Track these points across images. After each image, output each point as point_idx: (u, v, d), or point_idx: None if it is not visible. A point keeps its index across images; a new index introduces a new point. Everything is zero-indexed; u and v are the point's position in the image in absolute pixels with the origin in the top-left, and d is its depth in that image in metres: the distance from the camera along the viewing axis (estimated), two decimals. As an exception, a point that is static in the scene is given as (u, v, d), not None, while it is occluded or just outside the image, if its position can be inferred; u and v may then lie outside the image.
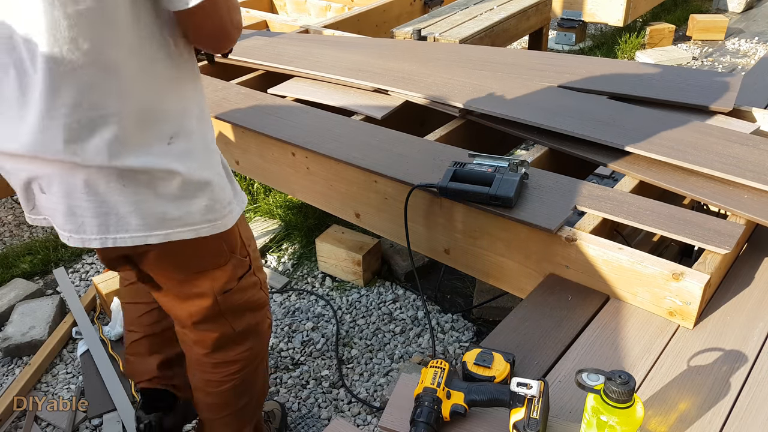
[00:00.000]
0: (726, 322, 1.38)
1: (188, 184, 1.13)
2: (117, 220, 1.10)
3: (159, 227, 1.13)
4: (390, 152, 1.88)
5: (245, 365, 1.44)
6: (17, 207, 3.10)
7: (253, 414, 1.56)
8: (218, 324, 1.36)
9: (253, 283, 1.37)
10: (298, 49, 2.66)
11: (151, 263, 1.23)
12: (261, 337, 1.46)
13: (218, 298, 1.30)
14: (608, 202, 1.58)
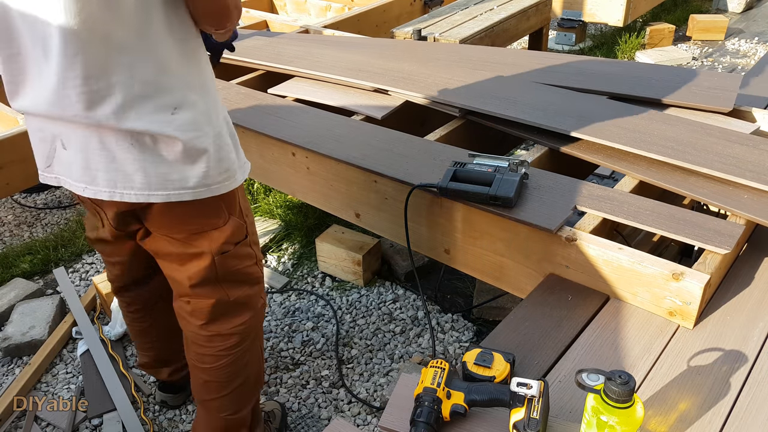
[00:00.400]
0: (726, 322, 1.38)
1: (189, 151, 1.22)
2: (124, 177, 1.23)
3: (160, 188, 1.24)
4: (390, 152, 1.88)
5: (240, 340, 1.48)
6: (17, 207, 3.10)
7: (248, 397, 1.58)
8: (214, 289, 1.42)
9: (248, 254, 1.45)
10: (298, 49, 2.66)
11: (154, 219, 1.33)
12: (256, 314, 1.50)
13: (215, 258, 1.37)
14: (608, 202, 1.58)
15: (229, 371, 1.50)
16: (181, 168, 1.23)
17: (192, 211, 1.31)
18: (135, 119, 1.16)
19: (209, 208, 1.33)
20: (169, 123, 1.18)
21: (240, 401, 1.56)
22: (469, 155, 1.74)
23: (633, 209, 1.54)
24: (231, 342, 1.47)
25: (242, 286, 1.45)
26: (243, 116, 2.17)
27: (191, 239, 1.36)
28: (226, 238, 1.36)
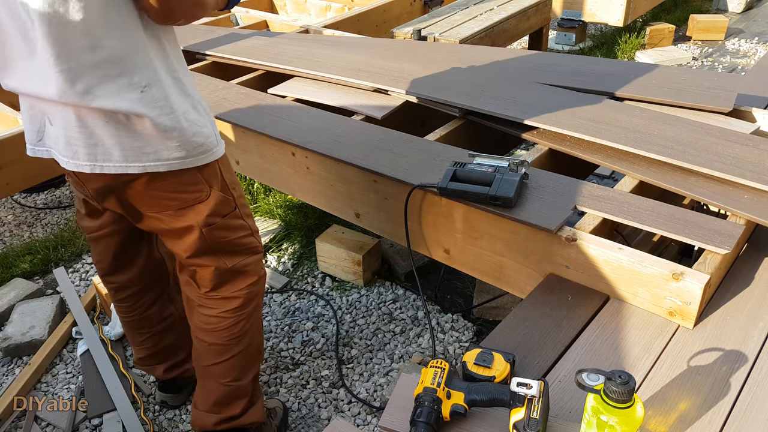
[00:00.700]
0: (726, 322, 1.38)
1: (159, 127, 1.29)
2: (103, 150, 1.30)
3: (136, 160, 1.31)
4: (390, 152, 1.88)
5: (243, 303, 1.56)
6: (17, 207, 3.10)
7: (249, 366, 1.63)
8: (211, 258, 1.50)
9: (240, 225, 1.52)
10: (298, 49, 2.66)
11: (140, 198, 1.40)
12: (258, 281, 1.58)
13: (203, 230, 1.44)
14: (608, 202, 1.58)
15: (232, 333, 1.57)
16: (155, 142, 1.30)
17: (173, 186, 1.38)
18: (104, 98, 1.22)
19: (189, 182, 1.39)
20: (138, 101, 1.25)
21: (241, 368, 1.61)
22: (469, 155, 1.74)
23: (633, 209, 1.54)
24: (235, 304, 1.55)
25: (239, 256, 1.53)
26: (243, 116, 2.17)
27: (178, 215, 1.43)
28: (210, 210, 1.43)
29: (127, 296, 1.74)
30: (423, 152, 1.87)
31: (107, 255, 1.66)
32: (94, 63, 1.20)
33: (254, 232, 1.57)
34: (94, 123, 1.27)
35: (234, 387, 1.62)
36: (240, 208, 1.51)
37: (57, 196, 3.19)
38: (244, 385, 1.63)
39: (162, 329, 1.80)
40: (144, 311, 1.77)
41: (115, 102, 1.23)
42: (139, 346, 1.84)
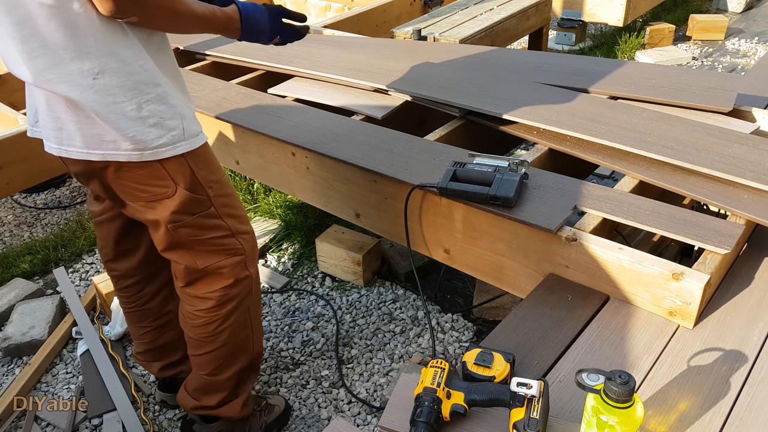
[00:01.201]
0: (726, 322, 1.38)
1: (109, 117, 1.27)
2: (67, 135, 1.30)
3: (96, 147, 1.30)
4: (390, 152, 1.88)
5: (215, 305, 1.54)
6: (17, 207, 3.10)
7: (227, 364, 1.63)
8: (181, 255, 1.50)
9: (215, 225, 1.47)
10: (298, 49, 2.66)
11: (113, 183, 1.40)
12: (236, 285, 1.54)
13: (168, 227, 1.43)
14: (608, 202, 1.58)
15: (207, 331, 1.57)
16: (113, 131, 1.28)
17: (139, 178, 1.37)
18: (57, 81, 1.22)
19: (154, 176, 1.36)
20: (89, 88, 1.23)
21: (217, 365, 1.62)
22: (469, 155, 1.74)
23: (633, 209, 1.54)
24: (207, 305, 1.54)
25: (214, 256, 1.50)
26: (243, 116, 2.17)
27: (148, 206, 1.42)
28: (176, 207, 1.40)
29: (128, 285, 1.74)
30: (423, 152, 1.87)
31: (109, 240, 1.68)
32: (47, 45, 1.19)
33: (236, 233, 1.51)
34: (58, 107, 1.28)
35: (210, 380, 1.65)
36: (218, 207, 1.46)
37: (57, 196, 3.19)
38: (220, 380, 1.65)
39: (161, 324, 1.82)
40: (144, 303, 1.78)
41: (66, 87, 1.23)
42: (138, 339, 1.86)
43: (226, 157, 2.36)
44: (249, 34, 1.49)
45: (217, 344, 1.60)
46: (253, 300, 1.63)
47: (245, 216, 1.57)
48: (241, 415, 1.71)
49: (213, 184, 1.45)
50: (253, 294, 1.62)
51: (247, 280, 1.57)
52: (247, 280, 1.57)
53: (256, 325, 1.67)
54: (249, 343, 1.67)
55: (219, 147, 2.36)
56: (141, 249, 1.69)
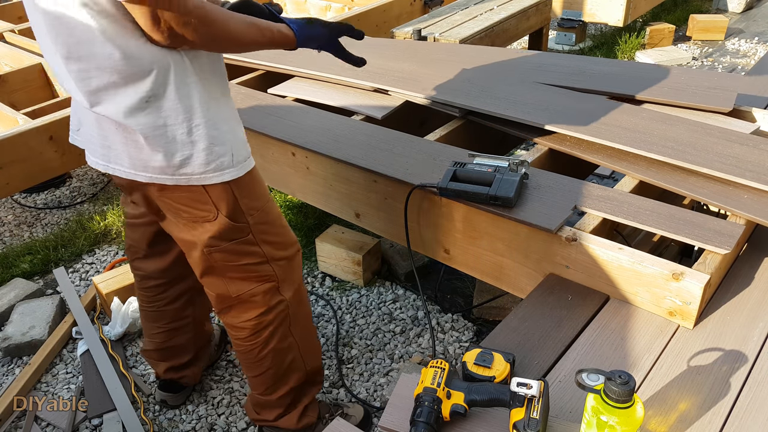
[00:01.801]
0: (726, 322, 1.38)
1: (156, 141, 1.26)
2: (115, 154, 1.31)
3: (143, 170, 1.31)
4: (390, 152, 1.88)
5: (251, 334, 1.56)
6: (17, 207, 3.10)
7: (276, 386, 1.66)
8: (214, 281, 1.51)
9: (251, 252, 1.46)
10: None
11: (155, 197, 1.40)
12: (267, 313, 1.54)
13: (204, 250, 1.43)
14: (608, 202, 1.58)
15: (248, 358, 1.61)
16: (159, 156, 1.27)
17: (182, 200, 1.37)
18: (108, 103, 1.22)
19: (196, 199, 1.36)
20: (140, 111, 1.22)
21: (267, 387, 1.66)
22: (469, 155, 1.74)
23: (633, 209, 1.54)
24: (243, 334, 1.57)
25: (246, 283, 1.49)
26: (243, 116, 2.17)
27: (189, 227, 1.42)
28: (215, 232, 1.40)
29: (151, 286, 1.75)
30: (423, 152, 1.87)
31: (143, 242, 1.68)
32: (102, 68, 1.18)
33: (270, 260, 1.49)
34: (107, 126, 1.28)
35: (264, 400, 1.70)
36: (256, 234, 1.45)
37: (57, 196, 3.19)
38: (273, 399, 1.68)
39: (176, 327, 1.82)
40: (164, 305, 1.78)
41: (117, 110, 1.22)
42: (149, 338, 1.88)
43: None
44: (306, 42, 1.48)
45: (263, 369, 1.62)
46: (296, 322, 1.61)
47: (285, 241, 1.54)
48: (298, 426, 1.73)
49: (254, 211, 1.44)
50: (293, 317, 1.60)
51: (281, 306, 1.55)
52: (280, 305, 1.55)
53: (304, 345, 1.66)
54: (298, 363, 1.66)
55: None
56: (173, 252, 1.68)
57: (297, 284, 1.60)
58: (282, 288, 1.54)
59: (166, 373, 1.90)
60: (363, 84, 2.31)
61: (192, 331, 1.85)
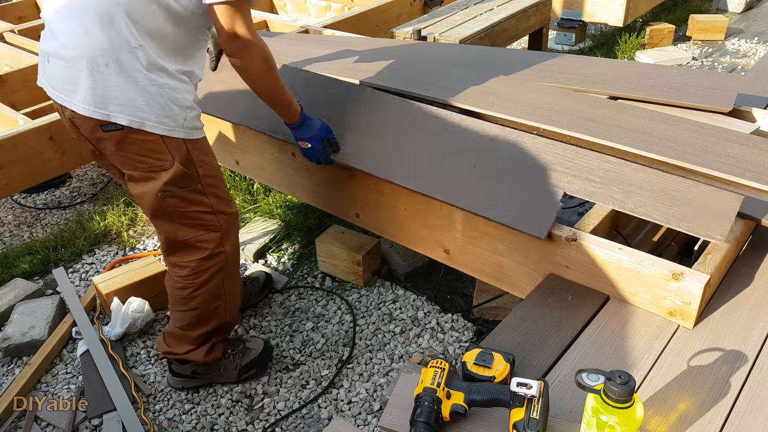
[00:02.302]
0: (726, 322, 1.38)
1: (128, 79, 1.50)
2: (81, 92, 1.51)
3: (103, 107, 1.50)
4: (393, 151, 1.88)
5: (190, 273, 1.77)
6: (17, 207, 3.10)
7: (198, 324, 1.86)
8: (165, 225, 1.70)
9: (200, 201, 1.68)
10: (297, 49, 2.66)
11: (112, 152, 1.59)
12: (209, 258, 1.75)
13: (159, 194, 1.62)
14: (592, 181, 1.57)
15: (181, 294, 1.81)
16: (136, 96, 1.51)
17: (141, 150, 1.56)
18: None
19: (154, 149, 1.56)
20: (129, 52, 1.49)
21: (188, 323, 1.86)
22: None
23: (624, 187, 1.52)
24: (182, 272, 1.78)
25: (194, 230, 1.71)
26: (243, 117, 2.17)
27: (145, 176, 1.61)
28: (169, 178, 1.59)
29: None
30: (425, 151, 1.87)
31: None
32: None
33: (216, 211, 1.71)
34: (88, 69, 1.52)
35: (182, 334, 1.90)
36: (206, 187, 1.66)
37: (57, 196, 3.19)
38: (190, 335, 1.89)
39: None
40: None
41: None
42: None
43: (226, 157, 2.36)
44: (301, 126, 1.82)
45: (190, 307, 1.83)
46: (228, 275, 1.83)
47: (229, 199, 1.77)
48: (205, 360, 1.94)
49: (204, 164, 1.65)
50: (228, 270, 1.82)
51: (221, 256, 1.77)
52: (221, 255, 1.77)
53: (230, 298, 1.88)
54: (221, 311, 1.88)
55: (219, 147, 2.36)
56: None
57: (235, 242, 1.82)
58: (225, 241, 1.76)
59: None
60: (362, 84, 2.30)
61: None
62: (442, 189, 1.69)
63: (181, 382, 2.02)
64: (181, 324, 1.89)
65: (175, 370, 2.00)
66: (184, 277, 1.78)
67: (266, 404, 1.98)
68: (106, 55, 1.47)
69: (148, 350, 2.20)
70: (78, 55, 1.48)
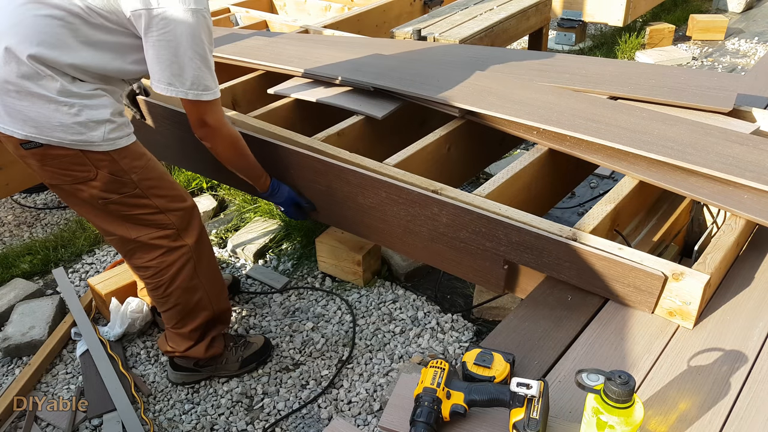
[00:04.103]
0: (726, 322, 1.38)
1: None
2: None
3: (20, 128, 1.50)
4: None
5: (156, 273, 1.80)
6: (17, 207, 3.10)
7: (186, 320, 1.90)
8: (114, 227, 1.72)
9: (143, 204, 1.70)
10: (298, 49, 2.66)
11: (36, 168, 1.61)
12: (167, 254, 1.78)
13: (99, 201, 1.65)
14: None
15: (157, 294, 1.85)
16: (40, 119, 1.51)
17: (63, 163, 1.57)
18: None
19: (74, 162, 1.57)
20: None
21: (177, 320, 1.90)
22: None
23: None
24: (148, 273, 1.81)
25: (144, 228, 1.73)
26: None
27: (75, 188, 1.62)
28: (101, 187, 1.61)
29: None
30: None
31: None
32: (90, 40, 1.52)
33: (165, 210, 1.73)
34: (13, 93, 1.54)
35: (175, 332, 1.93)
36: (145, 189, 1.67)
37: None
38: (184, 332, 1.92)
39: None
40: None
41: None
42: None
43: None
44: (271, 195, 1.94)
45: (169, 305, 1.87)
46: (200, 266, 1.85)
47: (179, 194, 1.78)
48: (206, 355, 1.97)
49: (137, 168, 1.65)
50: (197, 261, 1.83)
51: (183, 249, 1.79)
52: (182, 248, 1.79)
53: (210, 288, 1.90)
54: (205, 303, 1.90)
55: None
56: None
57: (198, 233, 1.83)
58: (183, 234, 1.78)
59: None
60: (363, 84, 2.30)
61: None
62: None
63: (182, 376, 2.04)
64: (170, 324, 1.93)
65: (177, 363, 2.02)
66: (151, 277, 1.81)
67: (266, 404, 1.98)
68: (15, 82, 1.46)
69: (148, 350, 2.20)
70: None
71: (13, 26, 1.44)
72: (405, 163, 1.89)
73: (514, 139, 2.25)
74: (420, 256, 1.82)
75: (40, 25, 1.44)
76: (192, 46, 1.50)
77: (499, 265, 1.63)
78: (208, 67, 1.56)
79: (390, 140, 2.26)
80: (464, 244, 1.67)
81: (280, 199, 1.97)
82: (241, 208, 2.90)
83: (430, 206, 1.68)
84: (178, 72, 1.51)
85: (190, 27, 1.48)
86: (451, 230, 1.67)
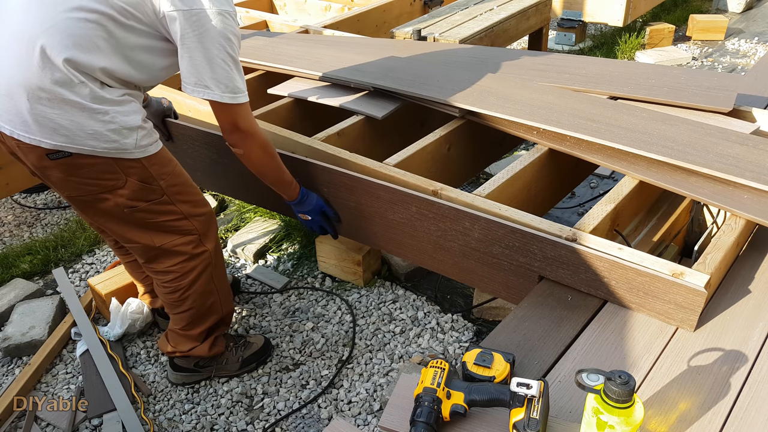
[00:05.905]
0: (726, 322, 1.38)
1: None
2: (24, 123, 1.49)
3: (50, 138, 1.47)
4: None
5: (176, 278, 1.80)
6: (17, 207, 3.10)
7: (196, 324, 1.91)
8: (138, 234, 1.71)
9: (169, 211, 1.69)
10: (298, 49, 2.66)
11: (58, 180, 1.57)
12: (190, 260, 1.78)
13: (125, 211, 1.63)
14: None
15: (172, 298, 1.85)
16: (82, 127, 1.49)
17: (91, 172, 1.55)
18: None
19: (105, 169, 1.55)
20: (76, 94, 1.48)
21: (187, 323, 1.91)
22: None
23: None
24: (168, 278, 1.81)
25: (169, 235, 1.72)
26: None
27: (102, 197, 1.60)
28: (129, 195, 1.60)
29: (122, 246, 2.01)
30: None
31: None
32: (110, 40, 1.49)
33: (189, 216, 1.72)
34: (30, 98, 1.50)
35: (183, 334, 1.94)
36: (171, 195, 1.67)
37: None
38: (192, 334, 1.93)
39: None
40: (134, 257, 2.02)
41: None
42: (140, 282, 2.21)
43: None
44: (299, 203, 1.92)
45: (185, 308, 1.86)
46: (216, 271, 1.86)
47: (201, 200, 1.78)
48: (210, 354, 1.99)
49: (165, 175, 1.65)
50: (214, 266, 1.84)
51: (204, 255, 1.80)
52: (204, 254, 1.80)
53: (222, 292, 1.91)
54: (217, 307, 1.92)
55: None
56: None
57: (216, 238, 1.84)
58: (204, 240, 1.79)
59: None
60: (363, 84, 2.30)
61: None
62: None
63: (182, 377, 2.04)
64: (180, 325, 1.92)
65: (178, 364, 2.02)
66: (171, 281, 1.80)
67: (266, 404, 1.98)
68: (49, 89, 1.42)
69: (148, 350, 2.20)
70: (18, 87, 1.43)
71: (48, 28, 1.41)
72: (405, 163, 1.89)
73: (514, 139, 2.25)
74: (451, 272, 1.78)
75: (74, 27, 1.41)
76: (225, 49, 1.49)
77: (533, 281, 1.59)
78: (238, 70, 1.55)
79: (390, 140, 2.26)
80: (497, 260, 1.63)
81: (308, 207, 1.94)
82: (241, 208, 2.90)
83: (461, 221, 1.64)
84: (211, 75, 1.50)
85: (222, 29, 1.48)
86: (483, 245, 1.63)
